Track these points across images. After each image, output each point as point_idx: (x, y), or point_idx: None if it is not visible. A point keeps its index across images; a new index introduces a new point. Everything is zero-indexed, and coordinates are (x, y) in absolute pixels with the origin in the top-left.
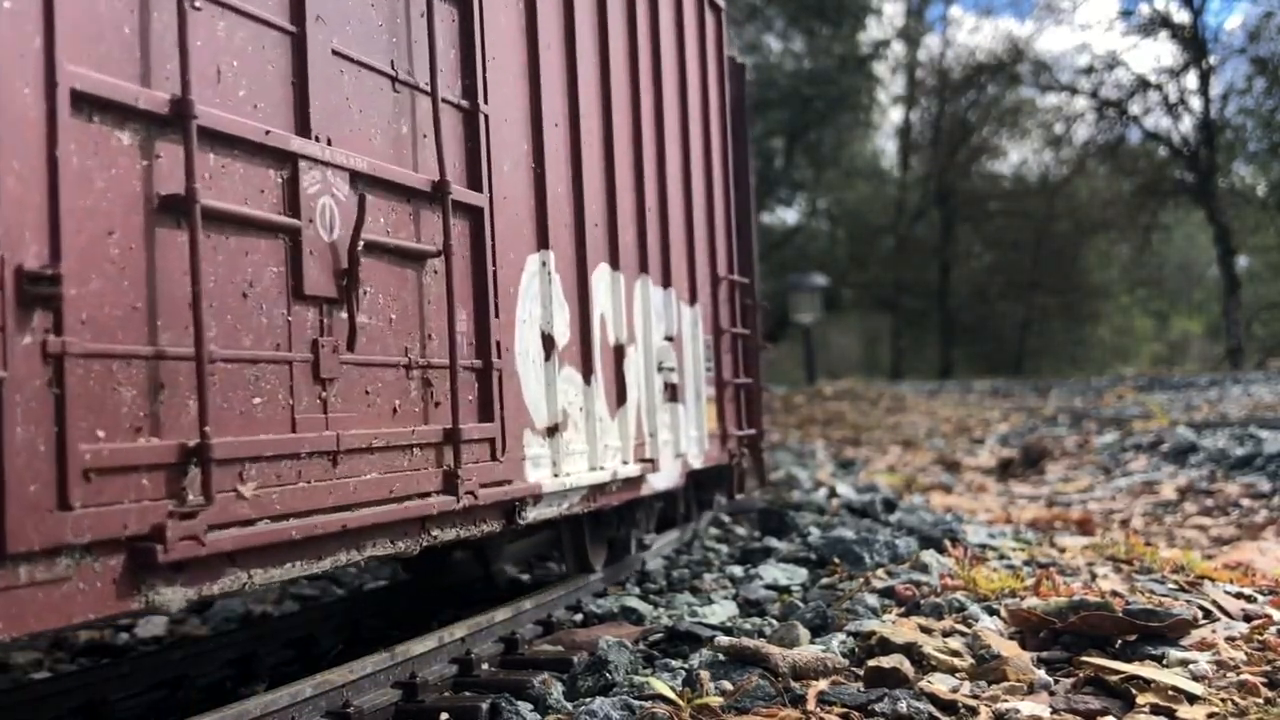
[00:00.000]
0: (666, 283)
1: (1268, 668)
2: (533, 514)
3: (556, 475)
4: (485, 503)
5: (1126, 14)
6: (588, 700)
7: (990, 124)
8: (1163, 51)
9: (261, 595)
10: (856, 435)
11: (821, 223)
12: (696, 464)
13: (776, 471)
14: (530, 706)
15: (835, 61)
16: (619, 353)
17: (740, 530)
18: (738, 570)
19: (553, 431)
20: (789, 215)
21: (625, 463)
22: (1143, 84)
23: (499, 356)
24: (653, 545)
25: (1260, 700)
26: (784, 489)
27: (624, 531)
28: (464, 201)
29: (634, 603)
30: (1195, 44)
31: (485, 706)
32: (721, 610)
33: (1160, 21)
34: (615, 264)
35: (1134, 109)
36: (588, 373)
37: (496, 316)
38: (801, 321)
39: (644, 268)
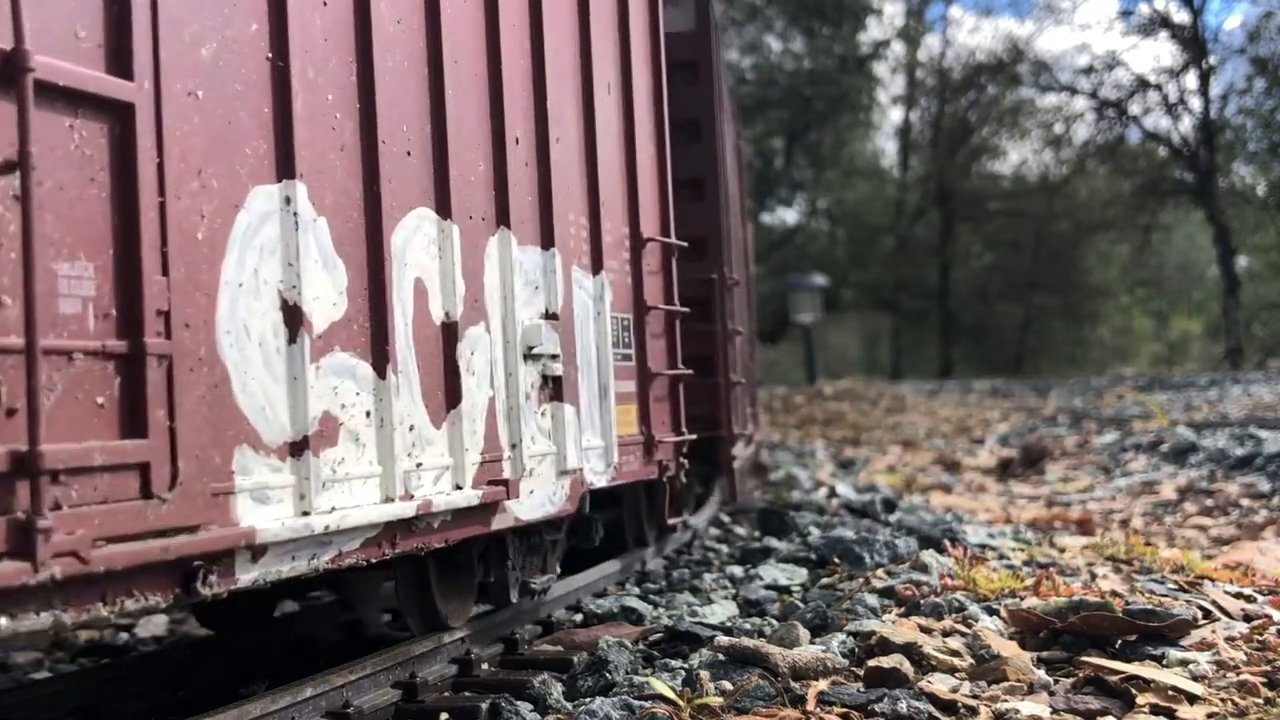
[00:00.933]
0: (546, 241)
1: (1268, 668)
2: (249, 575)
3: (306, 513)
4: (113, 568)
5: (1126, 14)
6: (588, 700)
7: (990, 124)
8: (1162, 51)
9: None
10: (856, 435)
11: (821, 223)
12: (599, 481)
13: (776, 471)
14: (530, 706)
15: (835, 61)
16: (450, 334)
17: (740, 530)
18: (738, 570)
19: (300, 449)
20: (789, 215)
21: (459, 487)
22: (1142, 84)
23: (168, 336)
24: (547, 591)
25: (1260, 700)
26: (784, 489)
27: (496, 575)
28: (85, 91)
29: (634, 603)
30: (1195, 44)
31: (485, 706)
32: (721, 610)
33: (1160, 21)
34: (446, 210)
35: (1134, 109)
36: (383, 361)
37: (165, 274)
38: (801, 321)
39: (504, 219)
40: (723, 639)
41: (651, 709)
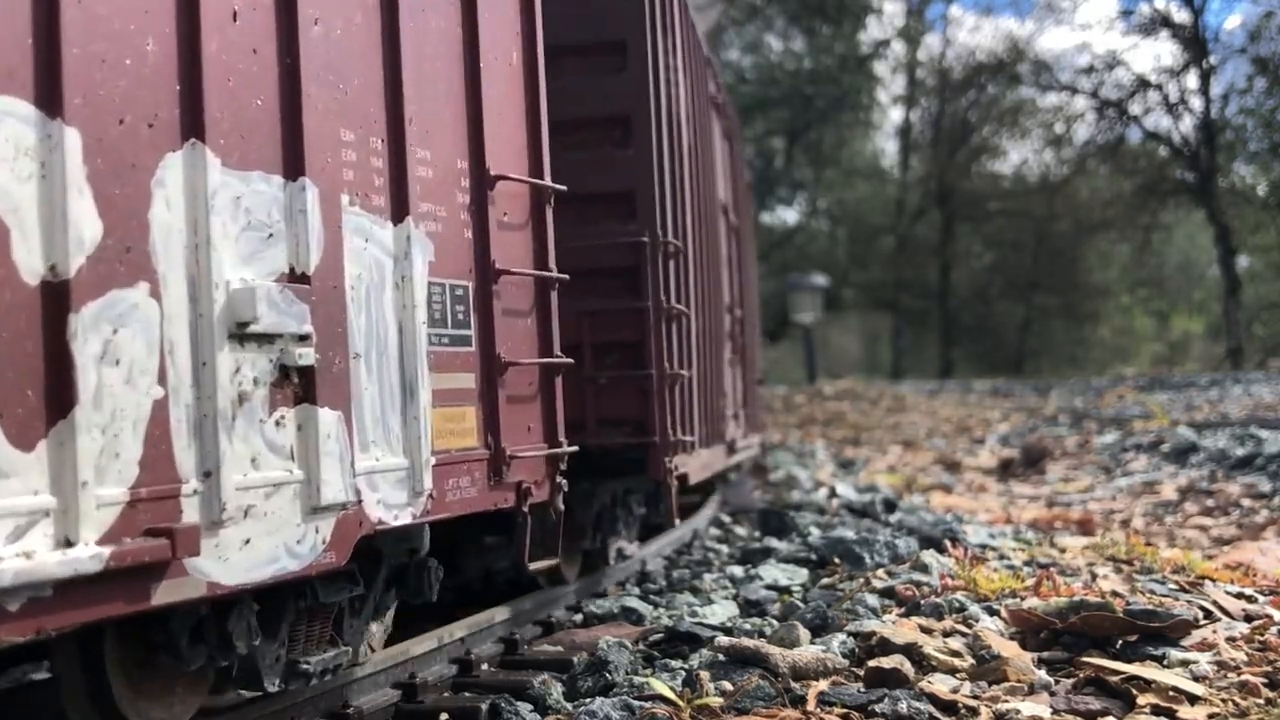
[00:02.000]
0: (293, 168)
1: (1268, 668)
2: None
3: None
4: None
5: (1126, 14)
6: (588, 701)
7: (990, 124)
8: (1163, 51)
9: None
10: (857, 435)
11: (821, 223)
12: (398, 518)
13: (776, 471)
14: (530, 707)
15: (836, 61)
16: (57, 300)
17: (740, 530)
18: (738, 570)
19: None
20: (789, 215)
21: (69, 543)
22: (1143, 84)
23: None
24: (340, 669)
25: (1261, 700)
26: (784, 489)
27: (233, 660)
28: None
29: (634, 603)
30: (1195, 44)
31: (485, 707)
32: (721, 610)
33: (1160, 21)
34: (54, 105)
35: (1134, 109)
36: None
37: None
38: (801, 321)
39: (196, 129)
40: (723, 639)
41: (651, 709)
